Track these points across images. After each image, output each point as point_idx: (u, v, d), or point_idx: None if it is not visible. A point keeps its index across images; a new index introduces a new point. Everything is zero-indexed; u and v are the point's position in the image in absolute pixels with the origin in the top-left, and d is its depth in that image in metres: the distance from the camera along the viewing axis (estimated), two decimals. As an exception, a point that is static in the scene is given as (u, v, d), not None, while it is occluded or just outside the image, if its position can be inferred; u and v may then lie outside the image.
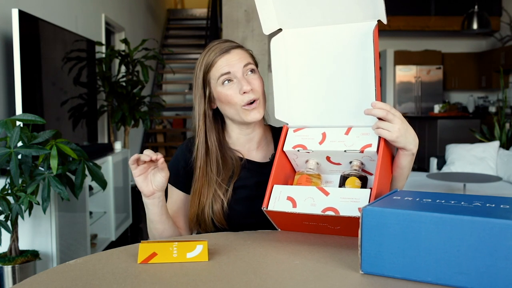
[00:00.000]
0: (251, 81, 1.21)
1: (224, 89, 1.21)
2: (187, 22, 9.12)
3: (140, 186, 1.13)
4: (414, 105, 8.44)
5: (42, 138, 2.17)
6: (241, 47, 1.26)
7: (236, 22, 4.62)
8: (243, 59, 1.22)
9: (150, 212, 1.18)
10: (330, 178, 1.18)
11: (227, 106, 1.22)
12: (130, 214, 4.21)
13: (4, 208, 2.12)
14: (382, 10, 1.04)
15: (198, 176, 1.23)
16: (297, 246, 0.98)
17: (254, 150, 1.31)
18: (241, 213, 1.21)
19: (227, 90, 1.20)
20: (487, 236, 0.72)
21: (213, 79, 1.22)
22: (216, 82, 1.22)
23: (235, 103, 1.21)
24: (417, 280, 0.78)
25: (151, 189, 1.13)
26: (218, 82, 1.21)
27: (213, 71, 1.22)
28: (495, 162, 4.76)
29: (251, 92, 1.20)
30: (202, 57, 1.25)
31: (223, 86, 1.21)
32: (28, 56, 2.72)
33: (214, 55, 1.22)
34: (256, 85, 1.21)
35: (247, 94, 1.19)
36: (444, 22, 7.85)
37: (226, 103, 1.22)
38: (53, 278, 0.84)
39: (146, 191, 1.13)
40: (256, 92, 1.21)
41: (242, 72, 1.21)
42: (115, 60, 4.75)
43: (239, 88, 1.20)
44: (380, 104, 1.03)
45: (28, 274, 2.30)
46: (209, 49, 1.24)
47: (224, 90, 1.21)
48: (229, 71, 1.20)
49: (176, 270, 0.86)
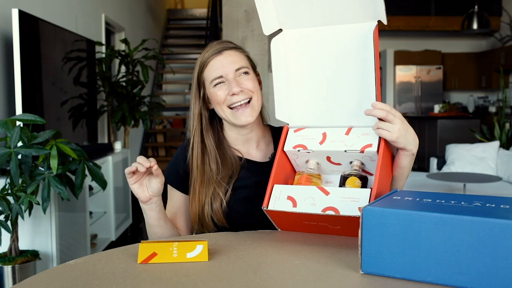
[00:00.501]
0: (243, 82, 1.21)
1: (214, 90, 1.22)
2: (187, 22, 9.12)
3: (136, 193, 1.13)
4: (414, 105, 8.44)
5: (42, 138, 2.17)
6: (236, 48, 1.26)
7: (236, 22, 4.62)
8: (236, 62, 1.22)
9: (148, 217, 1.18)
10: (330, 178, 1.18)
11: (219, 107, 1.24)
12: (130, 214, 4.21)
13: (4, 208, 2.12)
14: (382, 11, 1.04)
15: (196, 176, 1.23)
16: (297, 246, 0.98)
17: (253, 150, 1.31)
18: (241, 213, 1.21)
19: (217, 91, 1.22)
20: (487, 236, 0.72)
21: (207, 81, 1.24)
22: (209, 83, 1.23)
23: (223, 106, 1.22)
24: (417, 280, 0.78)
25: (147, 195, 1.14)
26: (211, 84, 1.23)
27: (206, 72, 1.23)
28: (495, 162, 4.76)
29: (241, 93, 1.20)
30: (199, 57, 1.27)
31: (214, 88, 1.22)
32: (28, 56, 2.72)
33: (207, 55, 1.23)
34: (248, 85, 1.22)
35: (236, 95, 1.20)
36: (444, 22, 7.85)
37: (216, 103, 1.24)
38: (53, 278, 0.84)
39: (142, 197, 1.14)
40: (247, 93, 1.21)
41: (234, 74, 1.21)
42: (115, 60, 4.75)
43: (228, 90, 1.20)
44: (380, 105, 1.03)
45: (28, 274, 2.30)
46: (205, 50, 1.25)
47: (215, 91, 1.22)
48: (221, 74, 1.21)
49: (176, 270, 0.86)
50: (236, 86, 1.20)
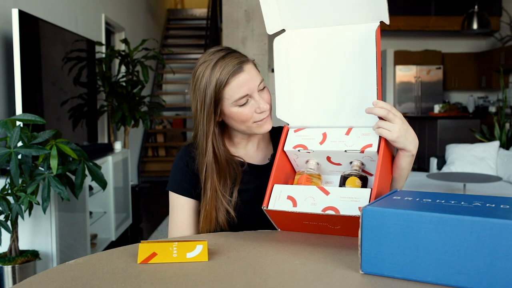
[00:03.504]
0: (265, 97, 1.20)
1: (239, 109, 1.17)
2: (187, 22, 9.12)
3: None
4: (414, 105, 8.44)
5: (42, 138, 2.17)
6: (249, 61, 1.22)
7: (236, 22, 4.62)
8: (256, 76, 1.18)
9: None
10: (331, 178, 1.18)
11: (239, 123, 1.20)
12: (130, 214, 4.21)
13: (4, 208, 2.12)
14: (385, 11, 1.04)
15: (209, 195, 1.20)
16: (297, 246, 0.98)
17: (253, 151, 1.31)
18: (243, 217, 1.21)
19: (244, 110, 1.17)
20: (487, 236, 0.72)
21: (228, 99, 1.17)
22: (231, 102, 1.17)
23: (249, 121, 1.19)
24: (417, 280, 0.78)
25: None
26: (235, 103, 1.17)
27: (228, 91, 1.16)
28: (495, 162, 4.76)
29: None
30: (209, 71, 1.16)
31: (238, 107, 1.17)
32: (28, 56, 2.72)
33: (227, 73, 1.15)
34: (268, 99, 1.21)
35: (264, 112, 1.19)
36: (444, 22, 7.85)
37: (240, 121, 1.19)
38: (53, 278, 0.84)
39: None
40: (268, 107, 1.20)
41: (257, 89, 1.18)
42: (115, 60, 4.75)
43: (255, 107, 1.18)
44: (382, 103, 1.03)
45: (28, 274, 2.30)
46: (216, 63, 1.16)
47: (240, 110, 1.17)
48: (247, 93, 1.17)
49: (176, 270, 0.86)
50: (264, 103, 1.18)
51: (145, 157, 7.06)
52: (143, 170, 6.93)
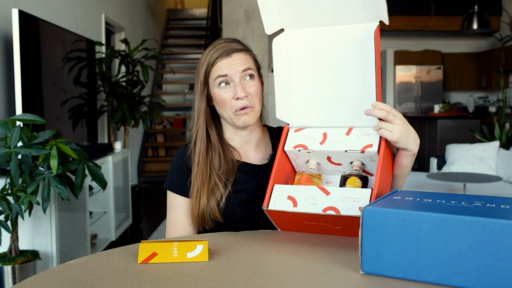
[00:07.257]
0: (248, 87, 1.20)
1: (219, 91, 1.21)
2: (187, 22, 9.13)
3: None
4: (414, 105, 8.44)
5: (42, 138, 2.17)
6: (245, 51, 1.24)
7: (236, 22, 4.62)
8: (243, 63, 1.21)
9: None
10: (331, 178, 1.18)
11: (221, 108, 1.23)
12: (130, 214, 4.21)
13: (4, 208, 2.12)
14: (384, 11, 1.04)
15: (197, 172, 1.22)
16: (297, 246, 0.98)
17: (252, 152, 1.31)
18: (241, 217, 1.21)
19: (223, 93, 1.21)
20: (487, 236, 0.72)
21: (211, 79, 1.22)
22: (213, 82, 1.22)
23: (227, 108, 1.21)
24: (417, 280, 0.78)
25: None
26: (215, 83, 1.21)
27: (212, 71, 1.22)
28: (495, 162, 4.76)
29: (245, 99, 1.20)
30: (205, 54, 1.24)
31: (219, 88, 1.21)
32: (28, 56, 2.72)
33: (216, 55, 1.21)
34: (252, 91, 1.21)
35: (240, 100, 1.19)
36: (444, 22, 7.85)
37: (221, 105, 1.23)
38: (53, 278, 0.84)
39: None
40: (251, 99, 1.21)
41: (240, 76, 1.20)
42: (115, 60, 4.75)
43: (233, 93, 1.20)
44: (381, 105, 1.03)
45: (28, 274, 2.30)
46: (213, 48, 1.23)
47: (220, 92, 1.21)
48: (227, 73, 1.20)
49: (176, 270, 0.86)
50: (241, 91, 1.19)
51: (145, 157, 7.06)
52: (143, 170, 6.93)
